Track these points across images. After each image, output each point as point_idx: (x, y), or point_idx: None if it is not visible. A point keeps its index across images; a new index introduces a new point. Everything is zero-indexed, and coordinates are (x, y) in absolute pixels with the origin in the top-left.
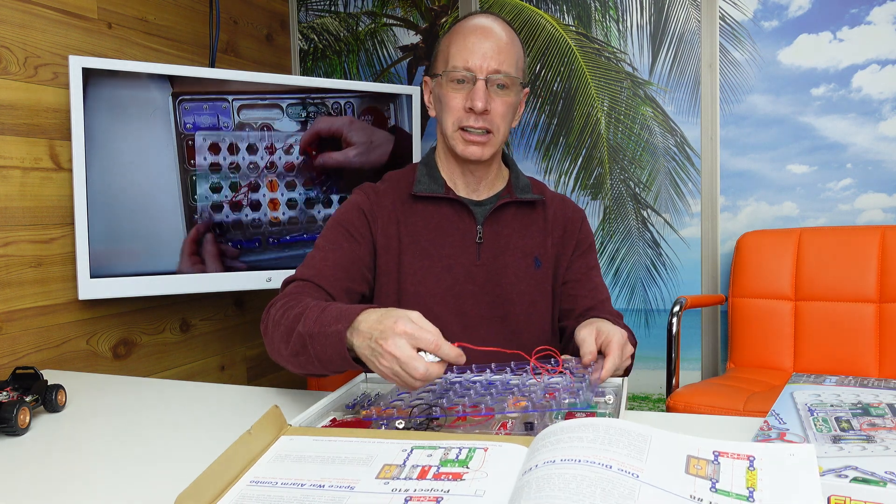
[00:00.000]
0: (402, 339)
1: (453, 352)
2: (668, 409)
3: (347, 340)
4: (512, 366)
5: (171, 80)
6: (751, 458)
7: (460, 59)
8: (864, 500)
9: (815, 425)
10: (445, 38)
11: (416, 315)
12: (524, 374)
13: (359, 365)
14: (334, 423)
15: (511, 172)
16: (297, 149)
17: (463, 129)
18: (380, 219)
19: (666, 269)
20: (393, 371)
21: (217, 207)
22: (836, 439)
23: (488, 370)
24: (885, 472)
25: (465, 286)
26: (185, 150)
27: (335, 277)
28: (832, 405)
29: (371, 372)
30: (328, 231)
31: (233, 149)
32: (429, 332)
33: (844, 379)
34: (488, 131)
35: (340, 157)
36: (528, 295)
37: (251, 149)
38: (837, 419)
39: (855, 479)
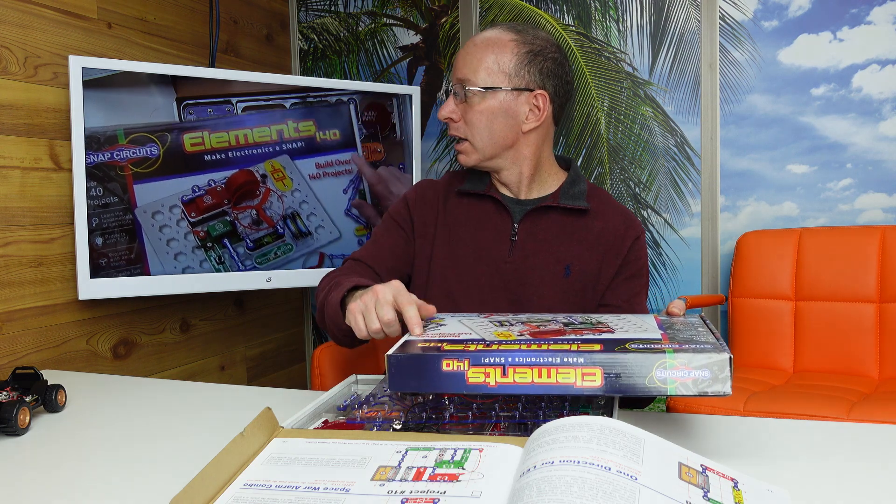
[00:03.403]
0: (390, 290)
1: (412, 316)
2: (669, 409)
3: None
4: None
5: (175, 84)
6: (735, 481)
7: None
8: None
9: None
10: None
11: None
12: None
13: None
14: (326, 425)
15: (567, 178)
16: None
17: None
18: (420, 207)
19: (666, 269)
20: (363, 305)
21: (219, 208)
22: None
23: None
24: None
25: (490, 279)
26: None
27: (381, 258)
28: None
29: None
30: (382, 221)
31: (235, 152)
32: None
33: None
34: (465, 139)
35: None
36: (549, 300)
37: (253, 151)
38: None
39: None
